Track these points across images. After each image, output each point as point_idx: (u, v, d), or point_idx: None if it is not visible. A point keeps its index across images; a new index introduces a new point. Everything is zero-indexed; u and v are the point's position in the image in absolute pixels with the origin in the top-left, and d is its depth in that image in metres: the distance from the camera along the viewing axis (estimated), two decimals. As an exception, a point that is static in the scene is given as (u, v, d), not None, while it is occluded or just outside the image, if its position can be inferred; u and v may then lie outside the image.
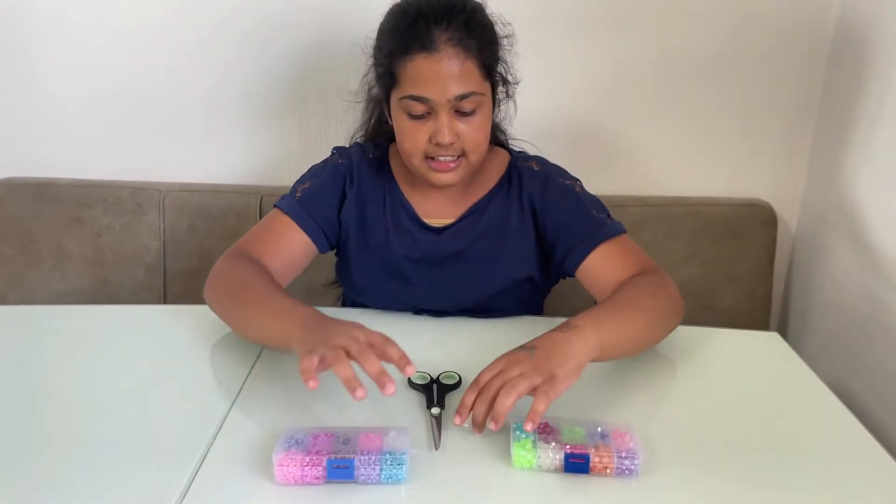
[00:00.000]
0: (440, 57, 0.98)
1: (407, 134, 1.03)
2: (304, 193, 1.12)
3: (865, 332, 1.26)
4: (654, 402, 0.93)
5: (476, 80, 1.00)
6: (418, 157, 1.04)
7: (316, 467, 0.74)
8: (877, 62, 1.26)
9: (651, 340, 1.00)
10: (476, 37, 1.00)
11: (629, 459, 0.76)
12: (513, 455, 0.77)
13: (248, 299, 0.96)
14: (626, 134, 1.52)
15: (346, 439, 0.77)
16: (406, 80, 1.00)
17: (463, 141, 1.02)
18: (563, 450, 0.77)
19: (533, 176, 1.13)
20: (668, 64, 1.46)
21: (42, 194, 1.52)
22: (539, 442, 0.77)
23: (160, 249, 1.52)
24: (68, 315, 1.17)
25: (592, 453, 0.76)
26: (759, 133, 1.50)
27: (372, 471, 0.74)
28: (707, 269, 1.47)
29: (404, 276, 1.13)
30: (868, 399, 1.22)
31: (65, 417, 0.86)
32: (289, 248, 1.09)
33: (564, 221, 1.09)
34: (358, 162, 1.15)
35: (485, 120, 1.04)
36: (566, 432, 0.79)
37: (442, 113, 1.00)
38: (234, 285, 0.99)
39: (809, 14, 1.41)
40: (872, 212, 1.27)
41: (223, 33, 1.48)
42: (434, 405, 0.87)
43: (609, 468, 0.76)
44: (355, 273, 1.15)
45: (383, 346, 0.81)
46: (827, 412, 0.92)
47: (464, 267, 1.12)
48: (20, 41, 1.50)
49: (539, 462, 0.77)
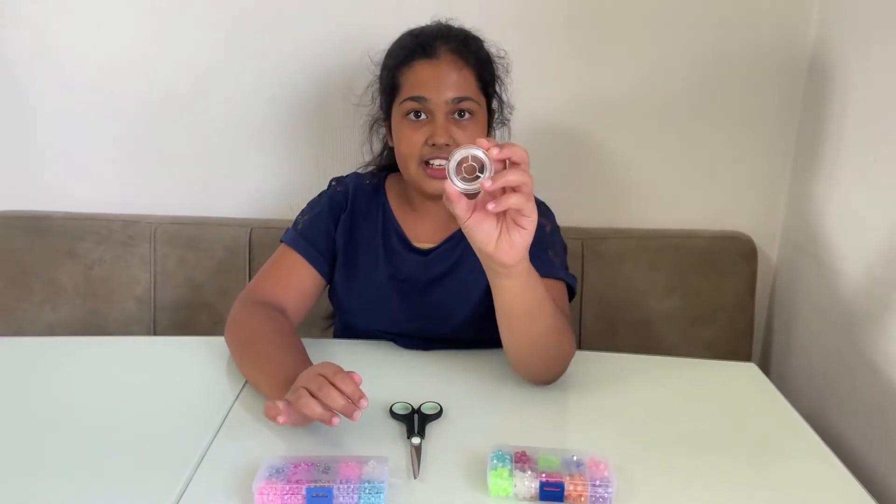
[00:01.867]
0: (439, 62, 1.07)
1: (405, 138, 1.09)
2: (304, 224, 1.18)
3: (845, 362, 1.27)
4: (630, 432, 0.95)
5: (472, 89, 1.08)
6: (415, 163, 1.09)
7: (295, 496, 0.75)
8: (847, 98, 1.30)
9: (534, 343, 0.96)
10: (473, 52, 1.09)
11: (602, 487, 0.78)
12: (489, 484, 0.79)
13: (248, 354, 1.03)
14: (608, 168, 1.55)
15: (326, 468, 0.79)
16: (407, 84, 1.08)
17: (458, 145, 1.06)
18: (539, 478, 0.78)
19: None
20: (648, 100, 1.50)
21: (35, 227, 1.54)
22: (515, 471, 0.79)
23: (150, 281, 1.54)
24: (57, 346, 1.19)
25: (567, 481, 0.78)
26: (739, 167, 1.54)
27: (350, 499, 0.76)
28: (689, 301, 1.50)
29: (390, 297, 1.16)
30: (848, 431, 1.23)
31: (49, 446, 0.87)
32: (298, 282, 1.15)
33: None
34: (354, 187, 1.21)
35: (479, 129, 1.10)
36: (542, 461, 0.81)
37: (439, 115, 1.06)
38: (241, 336, 1.06)
39: (785, 53, 1.46)
40: (846, 244, 1.30)
41: (214, 71, 1.52)
42: (415, 435, 0.89)
43: (583, 496, 0.78)
44: (343, 292, 1.18)
45: (333, 380, 0.83)
46: (801, 443, 0.94)
47: (446, 290, 1.15)
48: (14, 78, 1.53)
49: (515, 490, 0.79)
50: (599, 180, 1.55)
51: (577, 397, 0.99)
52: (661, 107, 1.51)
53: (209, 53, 1.51)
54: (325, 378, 0.83)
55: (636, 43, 1.47)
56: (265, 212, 1.59)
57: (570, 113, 1.52)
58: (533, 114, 1.48)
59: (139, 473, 0.82)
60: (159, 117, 1.55)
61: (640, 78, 1.49)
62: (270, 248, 1.20)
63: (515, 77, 1.21)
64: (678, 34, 1.46)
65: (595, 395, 1.00)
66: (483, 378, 0.96)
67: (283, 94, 1.54)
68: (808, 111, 1.46)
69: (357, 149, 1.51)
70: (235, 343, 1.07)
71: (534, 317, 0.93)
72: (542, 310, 0.93)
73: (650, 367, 1.09)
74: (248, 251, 1.52)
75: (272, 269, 1.16)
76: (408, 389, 0.99)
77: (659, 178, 1.56)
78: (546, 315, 0.94)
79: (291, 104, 1.54)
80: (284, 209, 1.59)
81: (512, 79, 1.19)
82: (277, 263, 1.17)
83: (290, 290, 1.13)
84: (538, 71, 1.47)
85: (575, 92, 1.51)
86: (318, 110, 1.55)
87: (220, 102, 1.54)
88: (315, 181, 1.57)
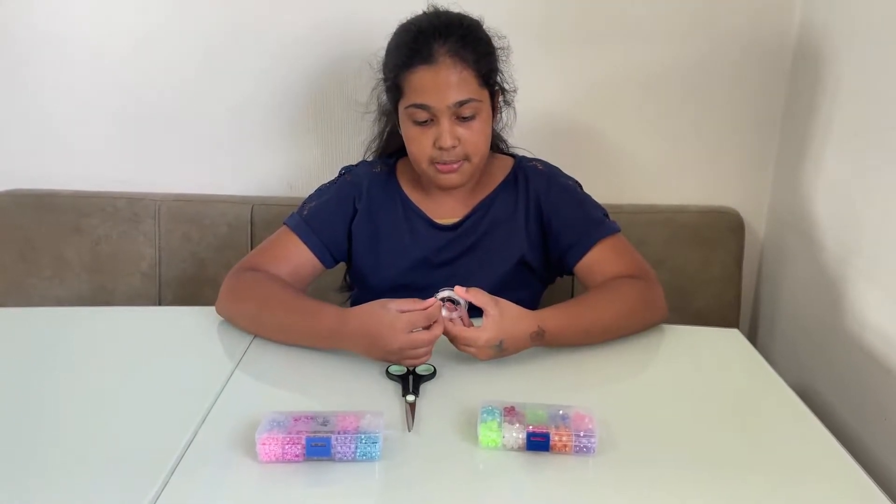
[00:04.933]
0: (439, 68, 1.07)
1: (413, 140, 1.12)
2: (310, 211, 1.20)
3: (828, 333, 1.31)
4: (614, 390, 0.99)
5: (473, 88, 1.09)
6: (425, 162, 1.13)
7: (295, 445, 0.80)
8: (831, 76, 1.34)
9: (611, 337, 1.08)
10: (472, 49, 1.09)
11: (587, 438, 0.82)
12: (480, 435, 0.83)
13: (276, 306, 1.06)
14: (600, 146, 1.59)
15: (325, 421, 0.83)
16: (410, 90, 1.09)
17: (464, 144, 1.11)
18: (526, 429, 0.83)
19: (538, 174, 1.23)
20: (639, 80, 1.53)
21: (42, 205, 1.58)
22: (504, 423, 0.83)
23: (155, 257, 1.58)
24: (66, 316, 1.24)
25: (553, 432, 0.82)
26: (727, 144, 1.57)
27: (347, 449, 0.80)
28: (678, 274, 1.53)
29: (420, 276, 1.19)
30: (833, 399, 1.27)
31: (67, 402, 0.92)
32: (295, 264, 1.16)
33: (567, 218, 1.18)
34: (366, 177, 1.23)
35: (484, 125, 1.13)
36: (530, 415, 0.85)
37: (443, 119, 1.09)
38: (257, 295, 1.08)
39: (771, 33, 1.49)
40: (829, 218, 1.34)
41: (216, 49, 1.55)
42: (409, 393, 0.93)
43: (568, 446, 0.82)
44: (372, 279, 1.21)
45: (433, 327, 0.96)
46: (778, 400, 0.98)
47: (476, 259, 1.20)
48: (19, 58, 1.57)
49: (504, 441, 0.83)
50: (591, 158, 1.59)
51: (566, 361, 1.03)
52: (652, 87, 1.54)
53: (214, 34, 1.54)
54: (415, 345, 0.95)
55: (627, 25, 1.50)
56: (266, 189, 1.63)
57: (562, 93, 1.55)
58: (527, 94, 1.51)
59: (146, 429, 0.87)
60: (164, 97, 1.58)
61: (631, 59, 1.52)
62: (271, 224, 1.22)
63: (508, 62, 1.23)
64: (668, 15, 1.49)
65: (582, 358, 1.04)
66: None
67: (285, 76, 1.56)
68: (793, 90, 1.50)
69: (355, 129, 1.56)
70: (250, 301, 1.08)
71: (594, 334, 1.05)
72: (595, 325, 1.05)
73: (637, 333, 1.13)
74: (250, 227, 1.56)
75: (269, 249, 1.17)
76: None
77: (649, 156, 1.59)
78: (603, 322, 1.05)
79: (293, 86, 1.57)
80: (285, 187, 1.64)
81: (513, 62, 1.20)
82: (276, 243, 1.18)
83: (284, 269, 1.15)
84: (530, 53, 1.49)
85: (566, 73, 1.54)
86: (319, 92, 1.57)
87: (224, 84, 1.57)
88: (315, 161, 1.62)
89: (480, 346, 0.97)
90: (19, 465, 0.80)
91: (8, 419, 0.89)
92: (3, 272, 1.58)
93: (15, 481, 0.77)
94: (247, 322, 1.10)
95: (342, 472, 0.79)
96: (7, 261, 1.58)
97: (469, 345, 0.97)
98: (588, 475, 0.80)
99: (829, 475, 0.81)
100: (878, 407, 1.14)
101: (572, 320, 1.04)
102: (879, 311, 1.16)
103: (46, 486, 0.77)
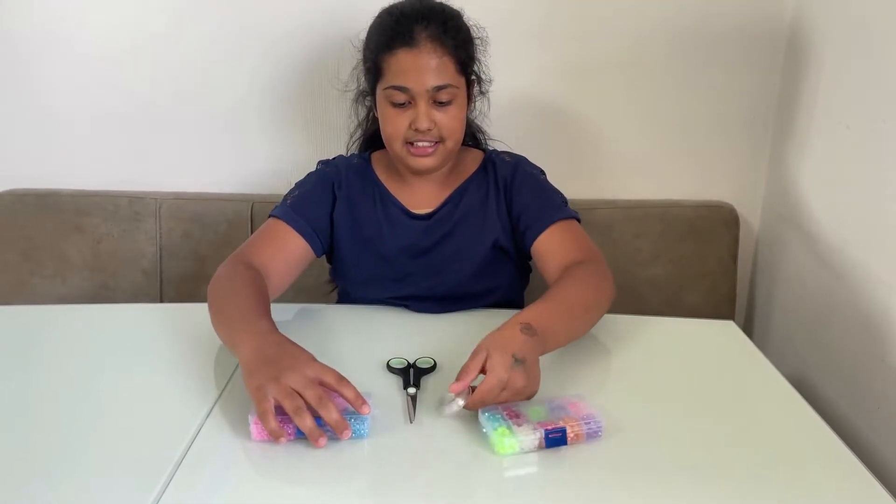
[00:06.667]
0: (420, 51, 1.09)
1: (389, 121, 1.14)
2: (294, 200, 1.21)
3: (824, 325, 1.33)
4: (610, 383, 1.00)
5: (451, 74, 1.12)
6: (399, 143, 1.15)
7: (287, 424, 0.81)
8: (824, 69, 1.35)
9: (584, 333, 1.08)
10: (452, 36, 1.12)
11: (593, 422, 0.83)
12: (494, 445, 0.81)
13: (224, 310, 1.01)
14: (593, 142, 1.60)
15: None
16: (389, 72, 1.11)
17: (440, 128, 1.13)
18: (542, 428, 0.81)
19: (505, 164, 1.25)
20: (632, 74, 1.55)
21: (44, 204, 1.60)
22: (514, 427, 0.82)
23: (156, 255, 1.60)
24: (68, 314, 1.24)
25: (568, 426, 0.82)
26: (721, 138, 1.59)
27: None
28: (673, 268, 1.55)
29: (398, 265, 1.22)
30: (829, 392, 1.29)
31: (76, 392, 0.94)
32: (286, 251, 1.16)
33: (527, 202, 1.20)
34: (343, 168, 1.26)
35: (459, 110, 1.15)
36: (532, 413, 0.85)
37: (421, 102, 1.11)
38: (220, 293, 1.05)
39: (764, 26, 1.50)
40: (823, 211, 1.36)
41: (214, 48, 1.56)
42: (410, 385, 0.95)
43: (580, 435, 0.83)
44: (352, 269, 1.23)
45: (338, 387, 0.84)
46: (776, 394, 0.98)
47: (452, 247, 1.22)
48: (21, 58, 1.57)
49: (522, 445, 0.81)
50: (585, 153, 1.60)
51: (562, 355, 1.04)
52: (645, 82, 1.55)
53: (214, 33, 1.55)
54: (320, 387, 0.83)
55: (618, 16, 1.51)
56: (265, 187, 1.64)
57: (553, 86, 1.56)
58: (515, 86, 1.52)
59: (150, 426, 0.88)
60: (163, 97, 1.59)
61: (623, 52, 1.53)
62: (271, 221, 1.24)
63: (500, 49, 1.26)
64: (659, 7, 1.50)
65: (578, 351, 1.05)
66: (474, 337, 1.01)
67: (282, 73, 1.57)
68: (786, 84, 1.51)
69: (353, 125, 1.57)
70: (214, 297, 1.05)
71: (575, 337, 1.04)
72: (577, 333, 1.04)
73: (631, 326, 1.15)
74: (250, 224, 1.57)
75: (260, 239, 1.16)
76: (404, 347, 1.05)
77: (643, 151, 1.61)
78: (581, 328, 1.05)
79: (291, 83, 1.58)
80: (284, 185, 1.63)
81: (490, 53, 1.23)
82: (266, 233, 1.17)
83: (276, 257, 1.14)
84: (519, 43, 1.51)
85: (558, 65, 1.55)
86: (315, 90, 1.59)
87: (222, 82, 1.58)
88: (313, 158, 1.61)
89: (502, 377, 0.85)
90: (22, 463, 0.80)
91: (11, 417, 0.89)
92: (6, 271, 1.59)
93: (18, 480, 0.77)
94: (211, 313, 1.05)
95: (332, 450, 0.81)
96: (9, 260, 1.59)
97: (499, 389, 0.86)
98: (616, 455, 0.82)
99: (825, 465, 0.82)
100: (873, 397, 1.15)
101: (551, 305, 1.00)
102: (874, 302, 1.17)
103: (50, 485, 0.76)
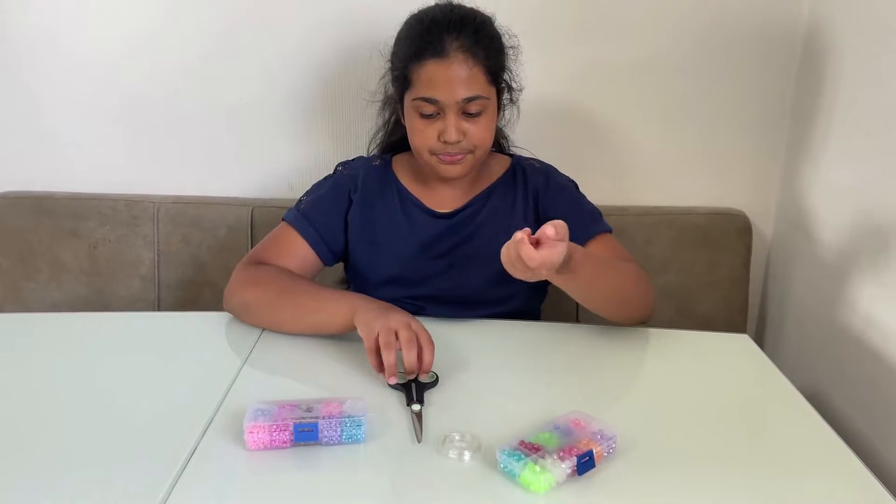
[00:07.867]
0: (450, 62, 1.07)
1: (418, 132, 1.12)
2: (307, 205, 1.20)
3: (838, 336, 1.29)
4: (624, 396, 0.98)
5: (482, 85, 1.09)
6: (427, 153, 1.13)
7: (283, 432, 0.81)
8: (840, 75, 1.32)
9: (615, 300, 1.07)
10: (484, 46, 1.09)
11: (608, 438, 0.80)
12: (528, 484, 0.75)
13: (296, 294, 1.07)
14: (606, 147, 1.57)
15: (309, 408, 0.84)
16: (419, 82, 1.09)
17: (469, 139, 1.11)
18: (570, 455, 0.77)
19: (536, 171, 1.24)
20: (646, 80, 1.52)
21: (39, 207, 1.56)
22: (540, 461, 0.76)
23: (154, 260, 1.56)
24: (64, 322, 1.22)
25: (594, 448, 0.78)
26: (734, 145, 1.55)
27: (334, 433, 0.81)
28: (685, 276, 1.52)
29: (418, 266, 1.19)
30: (843, 404, 1.26)
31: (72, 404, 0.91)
32: (297, 258, 1.17)
33: (563, 214, 1.15)
34: (362, 170, 1.23)
35: (489, 121, 1.13)
36: (546, 441, 0.80)
37: (450, 114, 1.09)
38: (274, 286, 1.09)
39: (779, 31, 1.47)
40: (837, 220, 1.32)
41: (214, 50, 1.53)
42: (414, 402, 0.91)
43: (600, 453, 0.79)
44: (369, 271, 1.21)
45: (425, 346, 0.94)
46: (790, 408, 0.96)
47: (473, 249, 1.19)
48: (16, 59, 1.55)
49: (557, 479, 0.76)
50: (595, 158, 1.57)
51: (570, 364, 1.01)
52: (658, 88, 1.52)
53: (212, 35, 1.52)
54: (415, 336, 0.94)
55: (633, 22, 1.49)
56: (266, 191, 1.61)
57: (564, 91, 1.53)
58: (532, 91, 1.50)
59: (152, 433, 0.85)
60: (162, 99, 1.56)
61: (637, 58, 1.50)
62: (271, 226, 1.22)
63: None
64: (675, 13, 1.47)
65: (588, 362, 1.03)
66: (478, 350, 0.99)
67: (283, 77, 1.55)
68: (801, 90, 1.48)
69: (354, 130, 1.54)
70: (267, 292, 1.09)
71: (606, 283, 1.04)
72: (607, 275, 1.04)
73: (644, 339, 1.11)
74: (250, 229, 1.54)
75: (271, 245, 1.18)
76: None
77: (656, 157, 1.58)
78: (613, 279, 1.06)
79: (292, 87, 1.56)
80: (285, 189, 1.62)
81: (521, 62, 1.20)
82: (278, 239, 1.19)
83: (290, 263, 1.15)
84: (538, 48, 1.47)
85: (571, 72, 1.52)
86: (318, 94, 1.56)
87: (222, 84, 1.56)
88: (314, 161, 1.60)
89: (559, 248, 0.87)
90: (17, 478, 0.78)
91: (3, 430, 0.87)
92: (1, 276, 1.56)
93: (20, 489, 0.76)
94: (263, 307, 1.09)
95: (329, 456, 0.81)
96: (3, 264, 1.56)
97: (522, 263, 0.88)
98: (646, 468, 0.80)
99: (838, 479, 0.81)
100: (887, 410, 1.13)
101: (593, 259, 1.03)
102: (889, 313, 1.14)
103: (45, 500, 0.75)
